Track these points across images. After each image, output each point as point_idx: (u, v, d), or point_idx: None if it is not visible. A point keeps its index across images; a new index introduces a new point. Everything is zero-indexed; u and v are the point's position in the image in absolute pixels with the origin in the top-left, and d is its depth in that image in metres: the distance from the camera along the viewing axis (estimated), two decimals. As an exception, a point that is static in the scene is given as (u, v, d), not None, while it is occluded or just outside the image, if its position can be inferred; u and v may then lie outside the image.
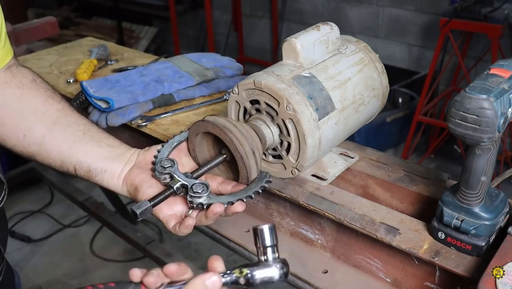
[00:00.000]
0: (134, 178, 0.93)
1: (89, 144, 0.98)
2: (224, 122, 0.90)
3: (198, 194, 0.86)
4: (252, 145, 0.90)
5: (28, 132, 0.98)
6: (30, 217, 3.23)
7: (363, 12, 4.04)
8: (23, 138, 0.99)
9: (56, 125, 0.99)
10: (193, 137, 0.96)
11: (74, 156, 0.97)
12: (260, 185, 0.90)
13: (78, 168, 0.97)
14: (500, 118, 0.74)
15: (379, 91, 1.08)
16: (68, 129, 0.99)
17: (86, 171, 0.96)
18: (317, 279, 1.03)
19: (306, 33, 1.00)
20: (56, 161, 0.98)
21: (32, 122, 0.99)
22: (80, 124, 1.00)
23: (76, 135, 0.98)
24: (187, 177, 0.89)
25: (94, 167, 0.96)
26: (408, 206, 1.05)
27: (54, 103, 1.02)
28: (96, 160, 0.96)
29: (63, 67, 1.75)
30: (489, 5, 2.98)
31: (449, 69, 3.58)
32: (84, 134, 0.99)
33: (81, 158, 0.96)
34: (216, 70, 1.51)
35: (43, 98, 1.01)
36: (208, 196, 0.87)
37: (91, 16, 5.73)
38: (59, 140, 0.98)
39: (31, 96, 1.01)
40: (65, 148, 0.97)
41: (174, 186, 0.88)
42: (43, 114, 1.00)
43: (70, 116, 1.01)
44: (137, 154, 0.97)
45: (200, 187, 0.87)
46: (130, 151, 0.98)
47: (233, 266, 0.69)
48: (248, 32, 4.88)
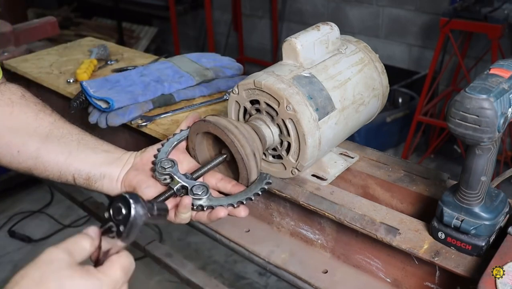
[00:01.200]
0: (132, 180, 0.93)
1: (85, 152, 0.98)
2: (225, 122, 0.90)
3: (198, 196, 0.86)
4: (253, 147, 0.90)
5: (22, 147, 0.99)
6: (30, 217, 3.23)
7: (363, 12, 4.04)
8: (18, 154, 0.99)
9: (49, 138, 1.00)
10: (193, 136, 0.96)
11: (72, 165, 0.97)
12: (260, 187, 0.90)
13: (77, 176, 0.97)
14: (500, 118, 0.74)
15: (379, 91, 1.08)
16: (62, 140, 1.00)
17: (86, 178, 0.97)
18: (317, 279, 1.03)
19: (306, 33, 1.00)
20: (54, 173, 0.99)
21: (25, 138, 1.00)
22: (73, 134, 1.01)
23: (71, 145, 0.99)
24: (187, 178, 0.89)
25: (93, 174, 0.96)
26: (408, 206, 1.05)
27: (46, 116, 1.03)
28: (94, 167, 0.97)
29: (63, 67, 1.75)
30: (489, 5, 2.98)
31: (449, 69, 3.58)
32: (78, 143, 1.00)
33: (79, 166, 0.97)
34: (216, 70, 1.51)
35: (34, 113, 1.02)
36: (208, 198, 0.87)
37: (91, 16, 5.73)
38: (54, 152, 0.99)
39: (21, 112, 1.02)
40: (62, 159, 0.98)
41: (175, 188, 0.88)
42: (35, 129, 1.00)
43: (63, 128, 1.02)
44: (133, 157, 0.97)
45: (200, 189, 0.87)
46: (127, 154, 0.99)
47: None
48: (248, 32, 4.88)
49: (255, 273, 2.72)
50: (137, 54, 1.88)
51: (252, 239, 1.15)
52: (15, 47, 2.05)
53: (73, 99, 1.43)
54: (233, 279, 2.70)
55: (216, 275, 2.70)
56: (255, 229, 1.17)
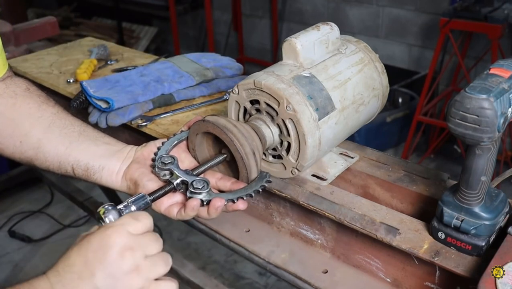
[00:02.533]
0: (133, 173, 0.93)
1: (86, 143, 0.98)
2: (224, 122, 0.90)
3: (198, 190, 0.86)
4: (252, 146, 0.90)
5: (24, 137, 1.00)
6: (30, 217, 3.23)
7: (363, 12, 4.04)
8: (20, 144, 1.00)
9: (51, 128, 1.00)
10: (193, 137, 0.96)
11: (71, 155, 0.97)
12: (260, 184, 0.90)
13: (76, 167, 0.97)
14: (500, 118, 0.74)
15: (379, 91, 1.08)
16: (63, 131, 1.00)
17: (84, 169, 0.97)
18: (317, 279, 1.03)
19: (306, 33, 1.00)
20: (54, 163, 0.99)
21: (27, 128, 1.00)
22: (75, 125, 1.02)
23: (72, 136, 0.99)
24: (187, 174, 0.89)
25: (91, 165, 0.96)
26: (408, 206, 1.05)
27: (48, 107, 1.04)
28: (93, 158, 0.97)
29: (63, 67, 1.75)
30: (489, 5, 2.98)
31: (449, 69, 3.58)
32: (79, 134, 1.00)
33: (78, 157, 0.97)
34: (216, 70, 1.51)
35: (36, 104, 1.03)
36: (208, 192, 0.87)
37: (91, 16, 5.73)
38: (55, 142, 0.99)
39: (24, 103, 1.03)
40: (62, 149, 0.98)
41: (174, 182, 0.88)
42: (38, 118, 1.01)
43: (65, 119, 1.03)
44: (134, 151, 0.97)
45: (200, 183, 0.87)
46: (127, 148, 0.99)
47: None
48: (248, 32, 4.88)
49: (255, 273, 2.72)
50: (137, 54, 1.88)
51: (252, 239, 1.15)
52: (15, 47, 2.05)
53: (73, 99, 1.43)
54: (233, 279, 2.70)
55: (216, 275, 2.70)
56: (255, 229, 1.17)
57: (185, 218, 0.88)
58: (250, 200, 0.89)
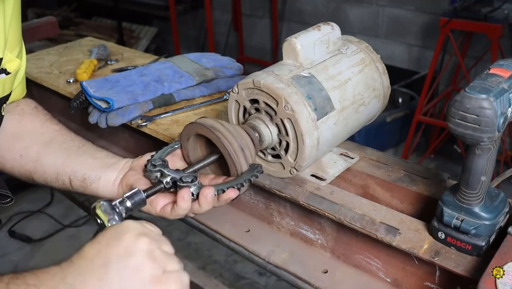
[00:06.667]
0: (129, 179, 0.95)
1: (84, 156, 1.01)
2: (211, 122, 0.91)
3: (188, 183, 0.86)
4: (241, 143, 0.90)
5: (24, 151, 1.03)
6: (30, 217, 3.23)
7: (363, 12, 4.04)
8: (20, 158, 1.03)
9: (52, 142, 1.04)
10: (186, 143, 0.97)
11: (68, 166, 1.00)
12: (251, 174, 0.90)
13: (73, 178, 0.99)
14: (500, 118, 0.74)
15: (380, 91, 1.08)
16: (63, 145, 1.04)
17: (81, 180, 0.99)
18: (317, 279, 1.03)
19: (307, 33, 1.00)
20: (52, 175, 1.02)
21: (28, 142, 1.04)
22: (75, 140, 1.05)
23: (71, 150, 1.03)
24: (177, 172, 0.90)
25: (88, 176, 0.98)
26: (408, 206, 1.05)
27: (52, 125, 1.08)
28: (90, 169, 0.99)
29: (63, 67, 1.75)
30: (489, 5, 2.98)
31: (449, 69, 3.58)
32: (78, 148, 1.03)
33: (76, 168, 0.99)
34: (216, 70, 1.51)
35: (41, 122, 1.08)
36: (198, 186, 0.87)
37: (91, 16, 5.73)
38: (54, 155, 1.02)
39: (29, 120, 1.08)
40: (60, 161, 1.01)
41: (164, 181, 0.88)
42: (40, 134, 1.05)
43: (66, 135, 1.06)
44: (130, 162, 0.99)
45: (189, 178, 0.87)
46: (123, 160, 1.01)
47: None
48: (248, 32, 4.88)
49: (255, 273, 2.72)
50: (137, 54, 1.87)
51: (252, 239, 1.15)
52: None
53: (73, 99, 1.42)
54: (233, 279, 2.70)
55: (216, 275, 2.70)
56: (255, 229, 1.17)
57: (179, 213, 0.88)
58: (250, 200, 0.89)
